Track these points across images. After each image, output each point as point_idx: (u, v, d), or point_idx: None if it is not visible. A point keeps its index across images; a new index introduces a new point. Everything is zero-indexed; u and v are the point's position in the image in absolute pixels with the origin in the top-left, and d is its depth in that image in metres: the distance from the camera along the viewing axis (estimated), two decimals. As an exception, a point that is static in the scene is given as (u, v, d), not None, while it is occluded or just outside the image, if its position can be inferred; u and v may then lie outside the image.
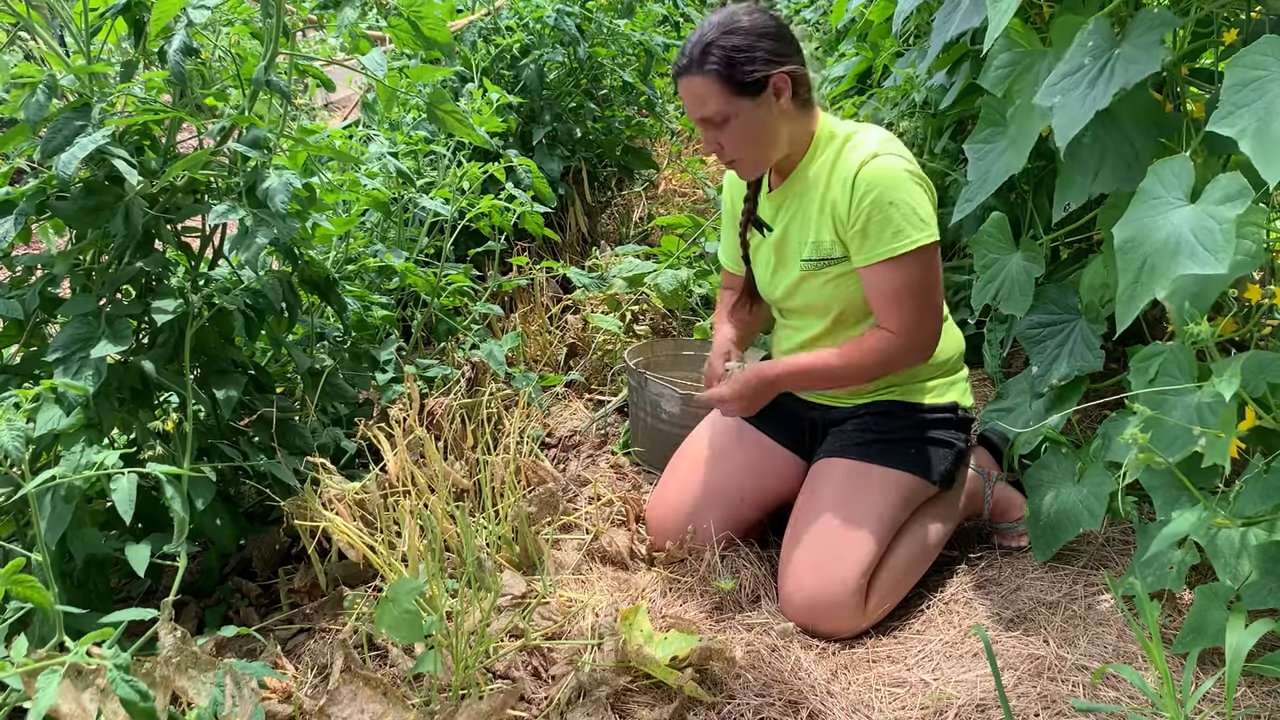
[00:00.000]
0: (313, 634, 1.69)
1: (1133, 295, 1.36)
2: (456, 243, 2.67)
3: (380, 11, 1.90)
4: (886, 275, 1.67)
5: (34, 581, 1.14)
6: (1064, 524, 1.75)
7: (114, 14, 1.61)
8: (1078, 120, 1.54)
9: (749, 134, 1.69)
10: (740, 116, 1.67)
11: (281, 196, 1.60)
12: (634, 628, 1.56)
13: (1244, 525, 1.36)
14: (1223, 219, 1.25)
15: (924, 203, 1.67)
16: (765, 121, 1.69)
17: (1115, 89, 1.50)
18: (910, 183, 1.65)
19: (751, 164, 1.76)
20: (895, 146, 1.70)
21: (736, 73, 1.64)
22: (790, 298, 1.85)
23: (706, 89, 1.66)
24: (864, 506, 1.74)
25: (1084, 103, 1.54)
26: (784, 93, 1.68)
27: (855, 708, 1.51)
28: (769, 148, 1.73)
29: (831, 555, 1.70)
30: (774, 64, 1.66)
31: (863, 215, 1.66)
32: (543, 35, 3.51)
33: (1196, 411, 1.43)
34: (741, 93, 1.65)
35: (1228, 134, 1.26)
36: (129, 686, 1.11)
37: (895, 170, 1.65)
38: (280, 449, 1.78)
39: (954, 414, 1.85)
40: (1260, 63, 1.26)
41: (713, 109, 1.67)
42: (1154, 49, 1.49)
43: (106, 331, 1.54)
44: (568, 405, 2.67)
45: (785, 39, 1.69)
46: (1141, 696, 1.43)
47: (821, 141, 1.76)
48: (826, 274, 1.77)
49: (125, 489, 1.40)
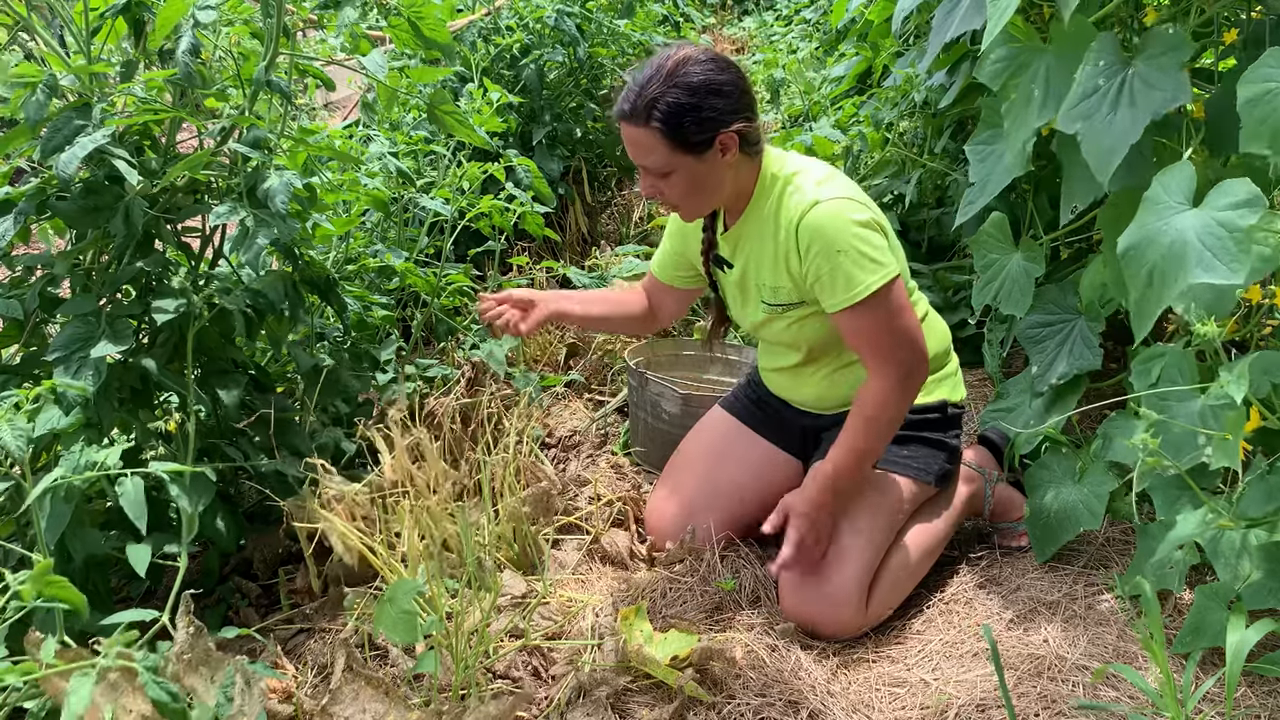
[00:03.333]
0: (313, 634, 1.69)
1: (1144, 303, 1.35)
2: (456, 243, 2.67)
3: (380, 11, 1.90)
4: (852, 320, 1.64)
5: (65, 582, 1.14)
6: (1064, 524, 1.75)
7: (114, 14, 1.61)
8: (1114, 152, 1.52)
9: (691, 187, 1.65)
10: (682, 171, 1.62)
11: (282, 197, 1.60)
12: (634, 628, 1.56)
13: (1247, 526, 1.36)
14: (1234, 227, 1.24)
15: (871, 241, 1.61)
16: (708, 176, 1.64)
17: (1145, 120, 1.48)
18: (852, 225, 1.61)
19: (691, 211, 1.73)
20: (832, 187, 1.65)
21: (680, 133, 1.58)
22: (759, 331, 1.88)
23: (650, 141, 1.60)
24: (861, 511, 1.74)
25: (1112, 131, 1.52)
26: (730, 150, 1.62)
27: (855, 708, 1.51)
28: (711, 197, 1.70)
29: (831, 560, 1.70)
30: (722, 123, 1.59)
31: (814, 268, 1.63)
32: (543, 35, 3.51)
33: (1200, 414, 1.43)
34: (685, 150, 1.60)
35: (1263, 152, 1.26)
36: (160, 688, 1.11)
37: (835, 216, 1.60)
38: (280, 449, 1.77)
39: (943, 412, 1.84)
40: (1270, 75, 1.27)
41: (655, 161, 1.62)
42: (1175, 75, 1.48)
43: (106, 331, 1.54)
44: (568, 405, 2.67)
45: (735, 94, 1.61)
46: (1141, 696, 1.43)
47: (765, 182, 1.71)
48: (789, 317, 1.76)
49: (132, 491, 1.40)
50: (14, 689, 1.17)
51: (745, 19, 9.93)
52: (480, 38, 3.42)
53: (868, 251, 1.60)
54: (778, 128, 5.08)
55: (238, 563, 1.91)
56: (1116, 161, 1.52)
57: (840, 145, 3.55)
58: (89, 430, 1.50)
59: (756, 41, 8.40)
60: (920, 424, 1.82)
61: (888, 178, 3.28)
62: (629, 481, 2.20)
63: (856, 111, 3.79)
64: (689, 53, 1.62)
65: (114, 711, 1.10)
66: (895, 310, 1.63)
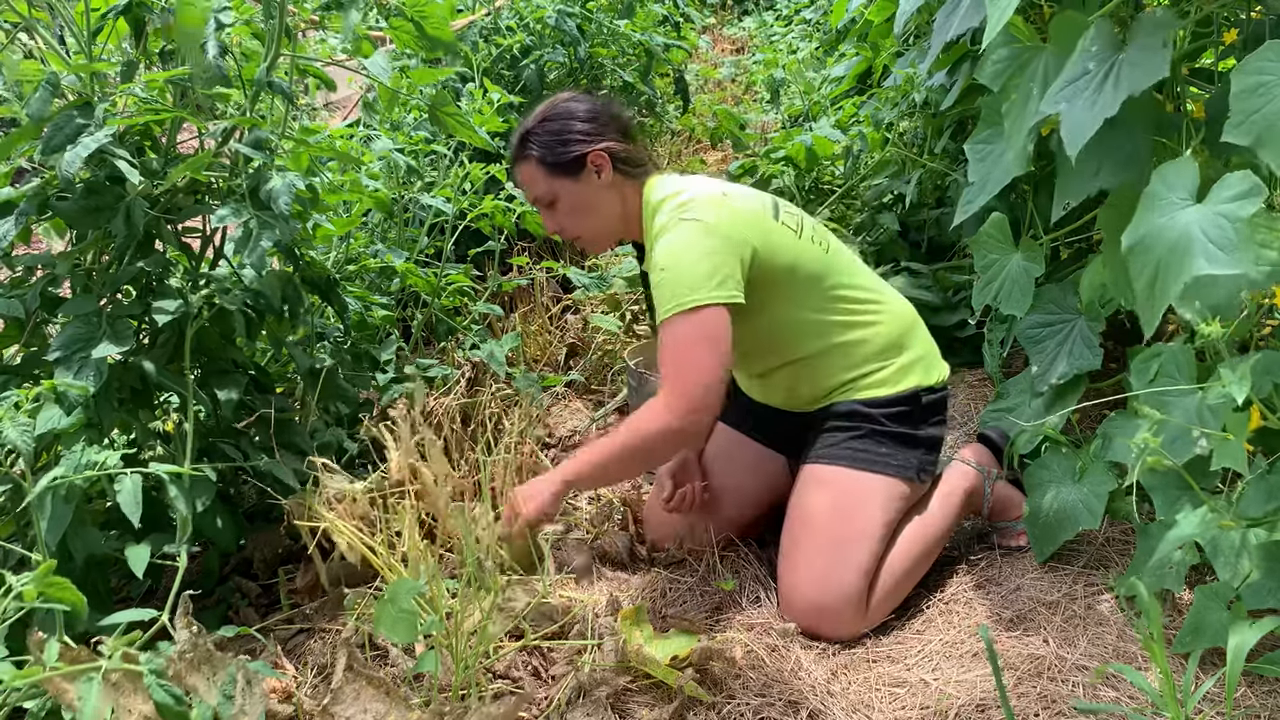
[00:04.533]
0: (313, 634, 1.70)
1: (1150, 299, 1.35)
2: (457, 243, 2.67)
3: (381, 12, 1.90)
4: (661, 335, 1.66)
5: (66, 583, 1.14)
6: (1064, 523, 1.75)
7: (115, 14, 1.61)
8: (1086, 128, 1.52)
9: (576, 210, 1.81)
10: (565, 195, 1.79)
11: (285, 198, 1.60)
12: (634, 628, 1.56)
13: (1247, 526, 1.36)
14: (1235, 217, 1.24)
15: (696, 268, 1.63)
16: (589, 197, 1.79)
17: (1123, 96, 1.49)
18: (683, 248, 1.65)
19: (591, 239, 1.86)
20: (682, 211, 1.69)
21: (551, 155, 1.77)
22: None
23: (532, 173, 1.80)
24: (854, 513, 1.74)
25: (1092, 109, 1.52)
26: (604, 168, 1.78)
27: (855, 708, 1.51)
28: (604, 221, 1.82)
29: (829, 562, 1.70)
30: (589, 142, 1.77)
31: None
32: (543, 35, 3.52)
33: (1197, 413, 1.43)
34: (562, 173, 1.77)
35: (1241, 144, 1.26)
36: (164, 691, 1.11)
37: (673, 237, 1.67)
38: (281, 449, 1.78)
39: (914, 403, 1.81)
40: (1266, 68, 1.27)
41: (540, 190, 1.80)
42: (1158, 52, 1.48)
43: (107, 331, 1.54)
44: (568, 405, 2.67)
45: (600, 119, 1.80)
46: (1141, 696, 1.43)
47: (648, 211, 1.79)
48: None
49: (130, 490, 1.40)
50: (14, 689, 1.17)
51: (745, 19, 9.94)
52: (481, 38, 3.42)
53: (685, 276, 1.63)
54: (778, 127, 5.08)
55: (238, 562, 1.91)
56: (1089, 134, 1.50)
57: (840, 145, 3.55)
58: (89, 430, 1.50)
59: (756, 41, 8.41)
60: (894, 417, 1.79)
61: (888, 178, 3.28)
62: (629, 481, 2.20)
63: (856, 111, 3.79)
64: (559, 95, 1.87)
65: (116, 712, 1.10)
66: (691, 340, 1.63)
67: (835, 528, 1.73)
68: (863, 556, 1.70)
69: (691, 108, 4.55)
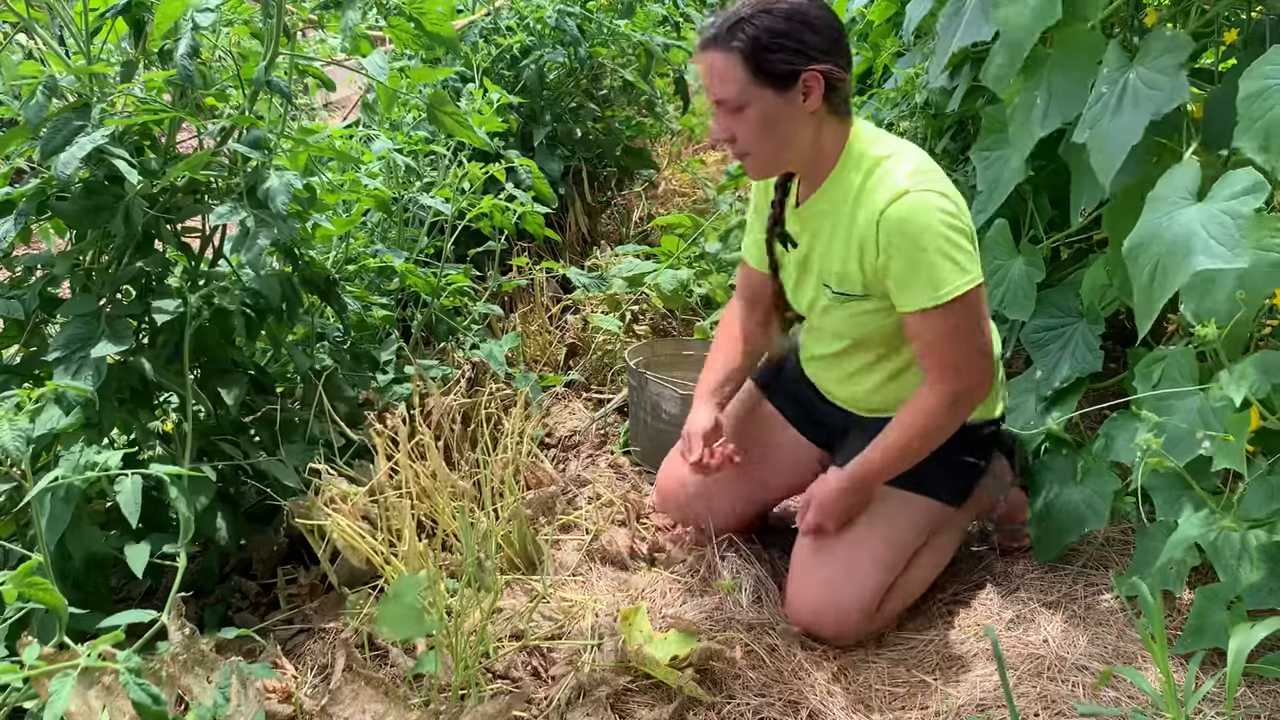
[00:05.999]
0: (313, 634, 1.69)
1: (1146, 299, 1.35)
2: (457, 243, 2.67)
3: (380, 11, 1.90)
4: (925, 324, 1.53)
5: (47, 584, 1.13)
6: (1068, 524, 1.75)
7: (114, 14, 1.61)
8: (1114, 157, 1.51)
9: (766, 128, 1.53)
10: (759, 106, 1.51)
11: (283, 198, 1.60)
12: (634, 628, 1.56)
13: (1248, 527, 1.36)
14: (1236, 214, 1.24)
15: (959, 243, 1.50)
16: (786, 119, 1.52)
17: (1145, 120, 1.47)
18: (942, 224, 1.48)
19: (763, 163, 1.61)
20: (928, 179, 1.52)
21: (764, 58, 1.47)
22: (811, 315, 1.77)
23: (728, 68, 1.50)
24: (885, 529, 1.69)
25: (1113, 134, 1.52)
26: (814, 92, 1.50)
27: (855, 708, 1.50)
28: (785, 149, 1.57)
29: (844, 574, 1.67)
30: (809, 58, 1.49)
31: (894, 262, 1.51)
32: (543, 35, 3.51)
33: (1200, 414, 1.43)
34: (766, 82, 1.49)
35: (1250, 148, 1.26)
36: (141, 690, 1.10)
37: (926, 210, 1.48)
38: (281, 449, 1.77)
39: (977, 433, 1.72)
40: (1270, 73, 1.27)
41: (731, 91, 1.51)
42: (1176, 75, 1.47)
43: (106, 331, 1.54)
44: (568, 405, 2.67)
45: (829, 34, 1.51)
46: (1141, 697, 1.43)
47: (851, 159, 1.57)
48: (849, 308, 1.64)
49: (130, 491, 1.40)
50: (14, 689, 1.17)
51: (746, 19, 9.90)
52: (481, 38, 3.42)
53: (955, 254, 1.49)
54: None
55: (237, 563, 1.91)
56: (1118, 165, 1.52)
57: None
58: (89, 430, 1.50)
59: (757, 42, 8.38)
60: (951, 444, 1.65)
61: (888, 178, 3.27)
62: (629, 481, 2.20)
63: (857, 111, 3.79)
64: None
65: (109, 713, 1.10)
66: (972, 322, 1.53)
67: (861, 540, 1.69)
68: (881, 575, 1.67)
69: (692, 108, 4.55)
